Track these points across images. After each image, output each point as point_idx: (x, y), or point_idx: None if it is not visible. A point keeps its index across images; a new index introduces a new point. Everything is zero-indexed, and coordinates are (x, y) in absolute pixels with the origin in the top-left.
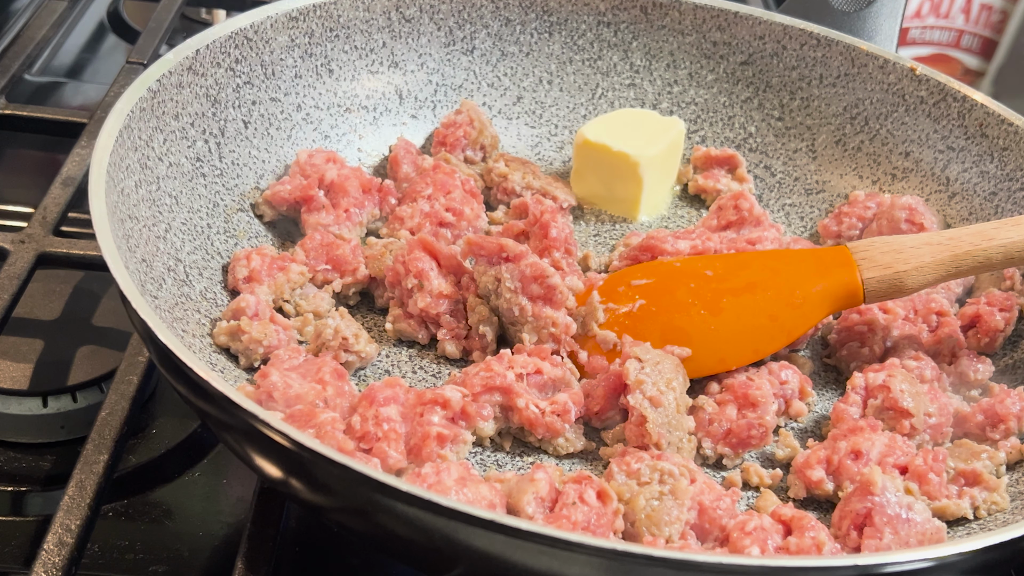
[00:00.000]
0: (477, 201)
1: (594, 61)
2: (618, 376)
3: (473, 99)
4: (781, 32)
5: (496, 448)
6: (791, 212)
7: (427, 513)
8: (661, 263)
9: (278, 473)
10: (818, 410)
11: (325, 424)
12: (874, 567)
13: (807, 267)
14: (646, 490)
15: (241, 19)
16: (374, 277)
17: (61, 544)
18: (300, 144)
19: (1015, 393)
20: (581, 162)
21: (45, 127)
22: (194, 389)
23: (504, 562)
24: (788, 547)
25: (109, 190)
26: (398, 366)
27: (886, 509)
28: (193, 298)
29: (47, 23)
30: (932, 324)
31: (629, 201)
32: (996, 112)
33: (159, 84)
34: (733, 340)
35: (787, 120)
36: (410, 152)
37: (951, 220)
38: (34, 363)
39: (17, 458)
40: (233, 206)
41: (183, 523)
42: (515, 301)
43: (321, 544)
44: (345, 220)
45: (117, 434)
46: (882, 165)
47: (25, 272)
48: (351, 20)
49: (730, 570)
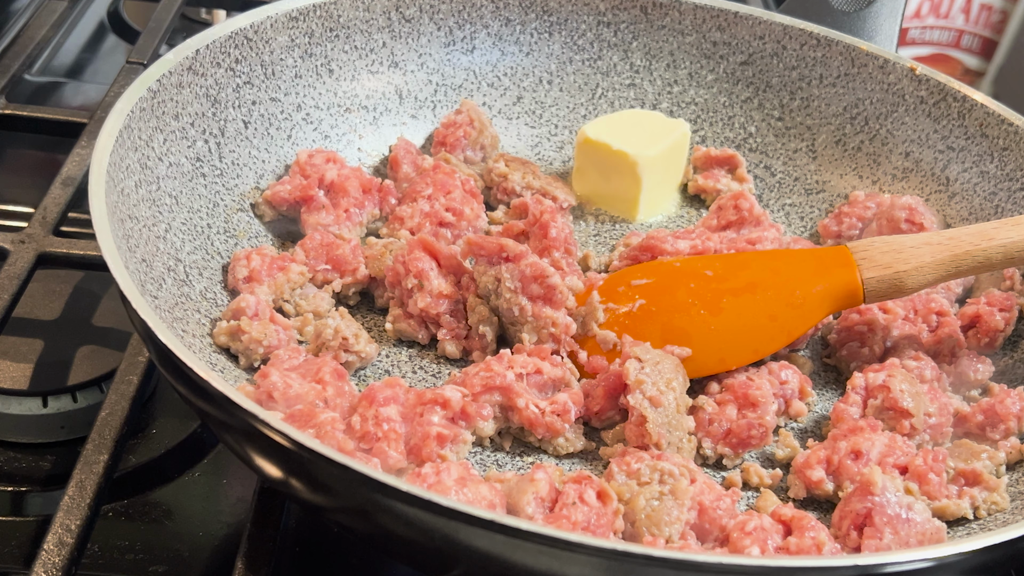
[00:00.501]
0: (477, 201)
1: (594, 61)
2: (618, 376)
3: (473, 99)
4: (781, 32)
5: (496, 448)
6: (791, 212)
7: (427, 513)
8: (661, 263)
9: (278, 473)
10: (818, 410)
11: (325, 424)
12: (874, 567)
13: (807, 267)
14: (646, 490)
15: (241, 19)
16: (374, 277)
17: (61, 544)
18: (300, 144)
19: (1015, 393)
20: (582, 160)
21: (45, 127)
22: (194, 389)
23: (504, 562)
24: (788, 547)
25: (109, 190)
26: (398, 366)
27: (886, 509)
28: (193, 298)
29: (47, 23)
30: (932, 324)
31: (628, 201)
32: (996, 112)
33: (159, 84)
34: (733, 340)
35: (787, 120)
36: (410, 152)
37: (951, 220)
38: (34, 363)
39: (17, 458)
40: (233, 206)
41: (183, 523)
42: (515, 301)
43: (321, 544)
44: (345, 220)
45: (117, 434)
46: (882, 165)
47: (25, 272)
48: (351, 20)
49: (730, 570)
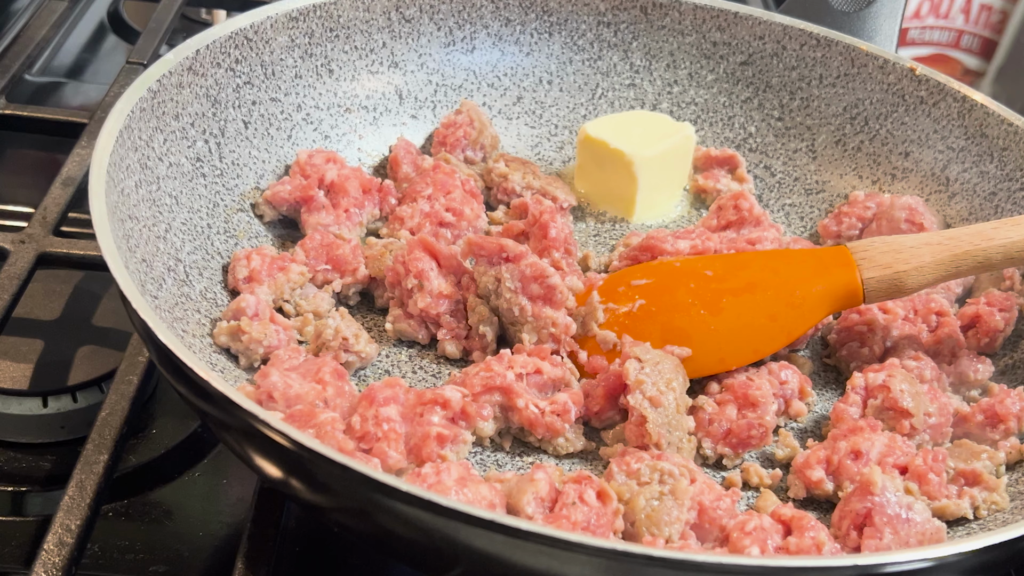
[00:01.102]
0: (477, 201)
1: (594, 61)
2: (618, 376)
3: (473, 99)
4: (781, 32)
5: (496, 448)
6: (791, 212)
7: (427, 513)
8: (661, 263)
9: (278, 473)
10: (818, 410)
11: (325, 424)
12: (874, 567)
13: (807, 267)
14: (646, 490)
15: (241, 19)
16: (374, 277)
17: (61, 544)
18: (300, 144)
19: (1015, 393)
20: (583, 158)
21: (45, 127)
22: (194, 389)
23: (504, 562)
24: (788, 547)
25: (109, 190)
26: (398, 366)
27: (886, 509)
28: (193, 298)
29: (47, 23)
30: (932, 324)
31: (626, 200)
32: (996, 112)
33: (159, 84)
34: (733, 340)
35: (787, 120)
36: (410, 152)
37: (951, 220)
38: (34, 363)
39: (17, 458)
40: (233, 206)
41: (183, 523)
42: (515, 301)
43: (321, 544)
44: (345, 220)
45: (117, 434)
46: (882, 165)
47: (25, 272)
48: (351, 20)
49: (730, 570)
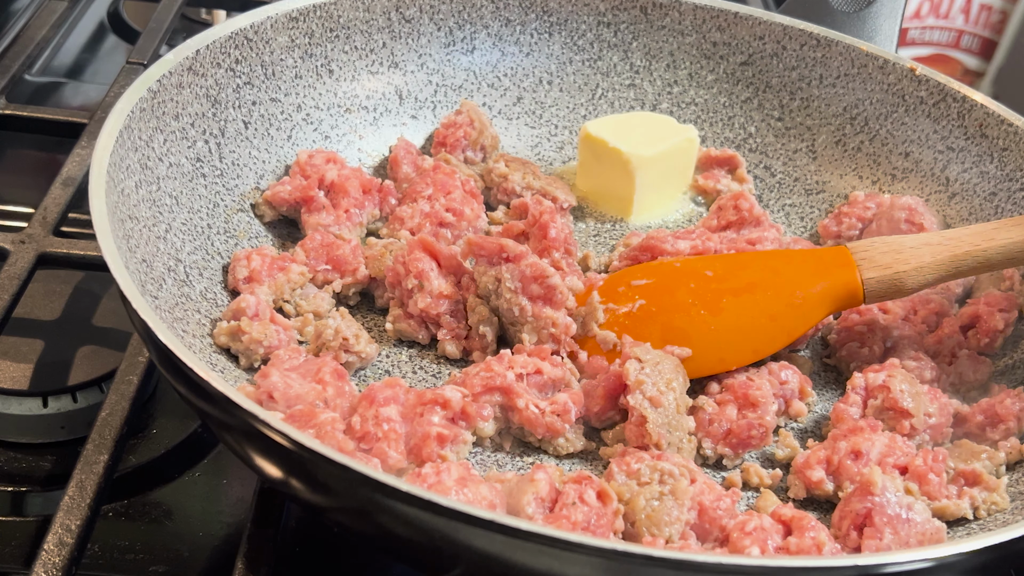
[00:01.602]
0: (477, 201)
1: (594, 61)
2: (618, 376)
3: (473, 99)
4: (781, 32)
5: (496, 448)
6: (791, 212)
7: (427, 513)
8: (661, 263)
9: (278, 473)
10: (818, 410)
11: (325, 424)
12: (874, 567)
13: (807, 267)
14: (646, 490)
15: (241, 19)
16: (374, 277)
17: (61, 544)
18: (300, 144)
19: (1015, 393)
20: (584, 156)
21: (45, 127)
22: (194, 389)
23: (504, 562)
24: (788, 547)
25: (109, 190)
26: (398, 366)
27: (886, 509)
28: (193, 298)
29: (47, 23)
30: (932, 324)
31: (624, 199)
32: (996, 112)
33: (159, 84)
34: (733, 340)
35: (787, 120)
36: (410, 152)
37: (951, 220)
38: (34, 363)
39: (17, 458)
40: (233, 206)
41: (183, 523)
42: (515, 301)
43: (321, 544)
44: (345, 220)
45: (117, 434)
46: (882, 165)
47: (25, 272)
48: (351, 20)
49: (730, 570)
